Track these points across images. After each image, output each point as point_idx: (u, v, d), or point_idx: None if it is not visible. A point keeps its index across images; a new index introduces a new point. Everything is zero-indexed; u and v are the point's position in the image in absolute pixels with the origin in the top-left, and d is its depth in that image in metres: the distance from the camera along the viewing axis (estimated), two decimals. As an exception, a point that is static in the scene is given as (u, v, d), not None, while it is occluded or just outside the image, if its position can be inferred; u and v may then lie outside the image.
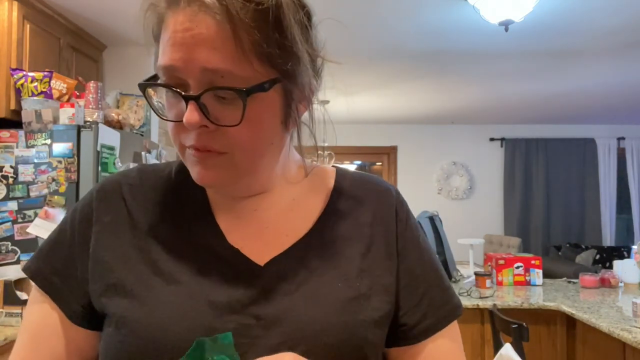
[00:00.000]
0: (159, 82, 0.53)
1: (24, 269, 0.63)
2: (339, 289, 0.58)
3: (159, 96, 0.57)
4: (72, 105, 2.17)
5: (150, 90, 0.56)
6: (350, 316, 0.57)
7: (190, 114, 0.50)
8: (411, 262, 0.64)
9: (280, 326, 0.55)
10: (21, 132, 2.11)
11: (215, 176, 0.55)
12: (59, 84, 2.29)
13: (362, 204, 0.66)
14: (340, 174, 0.69)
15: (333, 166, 0.72)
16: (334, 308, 0.56)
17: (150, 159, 2.63)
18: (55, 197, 2.09)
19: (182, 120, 0.51)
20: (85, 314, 0.60)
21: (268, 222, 0.62)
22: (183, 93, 0.51)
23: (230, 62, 0.49)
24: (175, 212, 0.62)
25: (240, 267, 0.58)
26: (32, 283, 0.62)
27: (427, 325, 0.62)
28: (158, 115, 0.56)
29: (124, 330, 0.55)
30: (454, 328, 0.65)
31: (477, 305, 2.74)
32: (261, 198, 0.63)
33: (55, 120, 2.15)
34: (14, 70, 2.30)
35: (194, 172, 0.56)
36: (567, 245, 5.72)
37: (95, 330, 0.61)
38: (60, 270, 0.61)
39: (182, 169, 0.66)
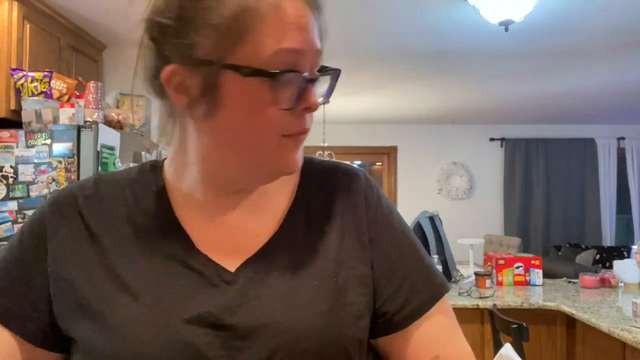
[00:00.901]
0: (290, 69, 0.50)
1: None
2: (315, 288, 0.55)
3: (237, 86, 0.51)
4: (72, 105, 2.18)
5: None
6: (329, 316, 0.54)
7: (315, 96, 0.52)
8: (386, 247, 0.61)
9: (257, 334, 0.52)
10: (21, 132, 2.10)
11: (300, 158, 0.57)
12: (59, 84, 2.29)
13: (331, 194, 0.63)
14: (307, 164, 0.65)
15: None
16: (312, 310, 0.54)
17: (150, 159, 2.63)
18: (55, 197, 2.09)
19: (303, 107, 0.52)
20: (47, 335, 0.56)
21: (237, 223, 0.59)
22: (319, 75, 0.53)
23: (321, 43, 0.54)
24: (138, 223, 0.58)
25: (211, 275, 0.55)
26: None
27: (411, 311, 0.59)
28: (291, 107, 0.51)
29: (90, 358, 0.52)
30: (441, 305, 0.61)
31: (477, 305, 2.73)
32: (231, 198, 0.59)
33: (55, 120, 2.15)
34: (14, 70, 2.30)
35: (290, 159, 0.55)
36: (567, 245, 5.72)
37: (60, 352, 0.57)
38: (9, 292, 0.56)
39: (142, 176, 0.62)
